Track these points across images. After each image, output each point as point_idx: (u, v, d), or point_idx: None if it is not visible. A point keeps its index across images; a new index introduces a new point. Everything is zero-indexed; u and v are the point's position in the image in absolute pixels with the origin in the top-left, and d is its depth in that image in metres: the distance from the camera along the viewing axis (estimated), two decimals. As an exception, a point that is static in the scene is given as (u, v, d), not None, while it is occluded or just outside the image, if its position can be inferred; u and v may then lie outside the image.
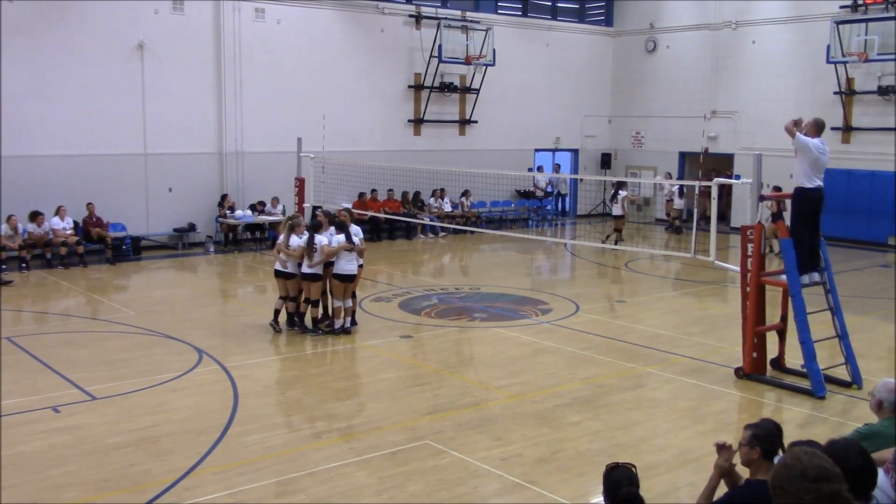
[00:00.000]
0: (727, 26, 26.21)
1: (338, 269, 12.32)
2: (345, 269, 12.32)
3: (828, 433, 8.11)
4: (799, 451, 3.28)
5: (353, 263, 12.42)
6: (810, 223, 10.61)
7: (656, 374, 11.04)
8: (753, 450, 4.61)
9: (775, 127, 23.89)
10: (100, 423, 8.97)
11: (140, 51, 19.92)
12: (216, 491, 7.20)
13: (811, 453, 3.25)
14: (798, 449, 3.33)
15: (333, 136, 21.74)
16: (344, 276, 12.33)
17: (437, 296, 15.77)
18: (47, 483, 7.37)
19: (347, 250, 12.27)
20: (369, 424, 8.93)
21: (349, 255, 12.33)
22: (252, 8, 21.61)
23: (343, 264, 12.32)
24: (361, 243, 12.56)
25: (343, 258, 12.30)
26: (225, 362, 11.15)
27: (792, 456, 3.27)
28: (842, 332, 10.64)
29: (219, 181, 21.53)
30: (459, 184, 24.62)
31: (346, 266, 12.33)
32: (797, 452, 3.28)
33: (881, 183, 22.47)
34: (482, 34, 25.00)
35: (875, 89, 22.88)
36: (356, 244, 12.35)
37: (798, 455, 3.25)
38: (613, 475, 4.17)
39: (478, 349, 12.26)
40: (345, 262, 12.32)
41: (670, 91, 27.81)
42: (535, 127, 27.65)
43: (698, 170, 25.69)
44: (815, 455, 3.24)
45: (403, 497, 7.17)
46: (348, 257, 12.33)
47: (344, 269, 12.32)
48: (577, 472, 7.78)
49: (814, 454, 3.25)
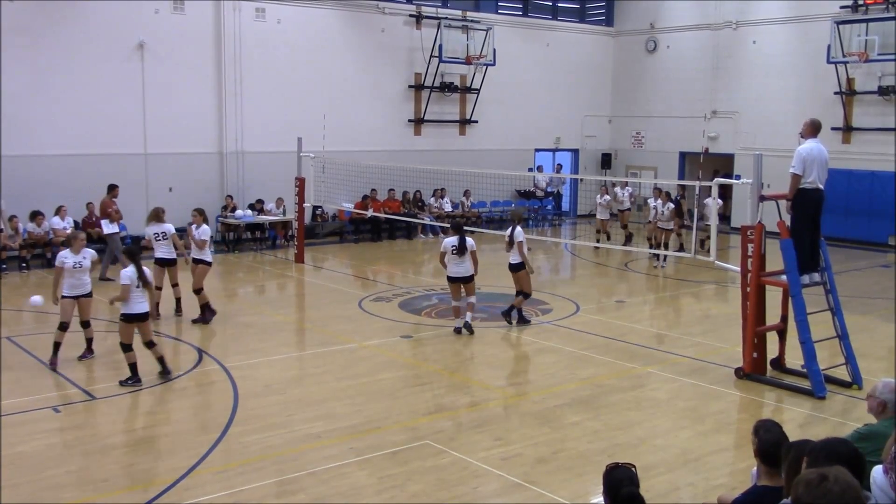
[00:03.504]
0: (727, 26, 26.21)
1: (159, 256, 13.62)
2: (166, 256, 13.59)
3: (828, 433, 8.10)
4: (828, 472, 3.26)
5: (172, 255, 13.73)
6: (810, 224, 10.61)
7: (656, 374, 11.04)
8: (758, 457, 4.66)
9: (776, 127, 24.04)
10: (100, 423, 8.98)
11: (140, 51, 19.93)
12: (216, 491, 7.20)
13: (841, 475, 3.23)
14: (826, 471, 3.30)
15: (333, 136, 21.75)
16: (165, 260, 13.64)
17: (437, 296, 15.76)
18: (47, 483, 7.36)
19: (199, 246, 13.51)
20: (369, 424, 8.93)
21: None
22: (252, 8, 21.61)
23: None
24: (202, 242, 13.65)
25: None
26: (225, 362, 11.15)
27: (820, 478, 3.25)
28: (842, 333, 10.64)
29: (219, 181, 21.54)
30: (460, 184, 24.63)
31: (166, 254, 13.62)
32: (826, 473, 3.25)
33: (881, 183, 22.47)
34: (482, 34, 25.01)
35: (875, 89, 22.88)
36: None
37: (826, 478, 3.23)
38: (613, 475, 4.16)
39: (478, 349, 12.26)
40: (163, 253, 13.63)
41: (670, 91, 27.81)
42: (536, 127, 27.66)
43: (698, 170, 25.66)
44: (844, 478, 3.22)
45: (403, 497, 7.16)
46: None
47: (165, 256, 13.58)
48: (577, 472, 7.78)
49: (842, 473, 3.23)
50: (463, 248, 12.60)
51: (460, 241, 12.63)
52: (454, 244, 12.65)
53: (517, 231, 13.15)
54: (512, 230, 13.16)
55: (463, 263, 12.68)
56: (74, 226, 18.59)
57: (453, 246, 12.65)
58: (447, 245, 12.72)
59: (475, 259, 12.77)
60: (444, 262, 12.81)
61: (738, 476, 7.51)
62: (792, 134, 14.87)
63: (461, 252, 12.60)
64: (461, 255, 12.62)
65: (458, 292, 12.88)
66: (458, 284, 12.80)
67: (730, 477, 7.73)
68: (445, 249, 12.71)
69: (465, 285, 12.84)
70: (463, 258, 12.65)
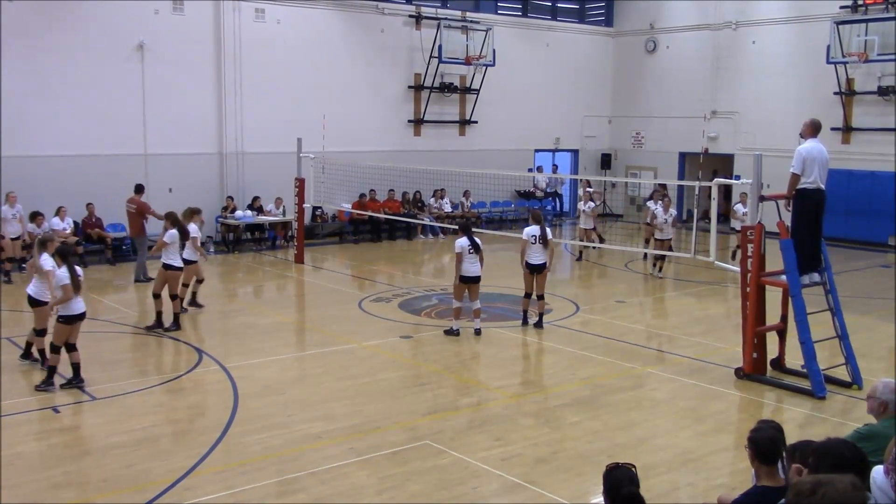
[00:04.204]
0: (727, 26, 26.22)
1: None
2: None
3: (828, 433, 8.09)
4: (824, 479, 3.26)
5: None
6: (811, 224, 10.61)
7: (656, 374, 11.04)
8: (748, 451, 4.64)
9: (775, 127, 24.03)
10: (100, 423, 8.98)
11: (140, 51, 19.92)
12: (216, 491, 7.20)
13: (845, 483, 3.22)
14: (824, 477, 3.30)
15: (333, 137, 21.76)
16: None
17: (437, 296, 15.77)
18: (47, 483, 7.37)
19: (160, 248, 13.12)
20: (369, 424, 8.93)
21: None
22: (252, 8, 21.61)
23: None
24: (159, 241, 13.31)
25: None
26: (225, 362, 11.15)
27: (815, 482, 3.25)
28: (842, 333, 10.64)
29: (219, 181, 21.54)
30: (459, 184, 24.62)
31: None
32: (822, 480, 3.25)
33: (881, 183, 22.47)
34: (482, 34, 25.00)
35: (875, 89, 22.89)
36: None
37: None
38: (613, 475, 4.17)
39: (478, 349, 12.26)
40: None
41: (670, 91, 27.81)
42: (535, 127, 27.65)
43: (698, 170, 25.68)
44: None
45: (403, 497, 7.17)
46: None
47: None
48: (577, 472, 7.78)
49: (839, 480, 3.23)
50: (477, 246, 12.64)
51: (472, 241, 12.65)
52: (468, 244, 12.64)
53: (548, 231, 13.28)
54: (542, 230, 13.12)
55: (476, 263, 12.71)
56: (74, 227, 18.61)
57: (469, 246, 12.63)
58: (463, 246, 12.64)
59: (482, 259, 12.81)
60: (459, 264, 12.69)
61: (738, 476, 7.51)
62: (792, 134, 14.87)
63: (476, 251, 12.62)
64: (476, 253, 12.64)
65: (462, 294, 12.85)
66: (467, 286, 12.77)
67: (730, 477, 7.74)
68: (462, 250, 12.62)
69: (473, 287, 12.80)
70: (476, 258, 12.67)
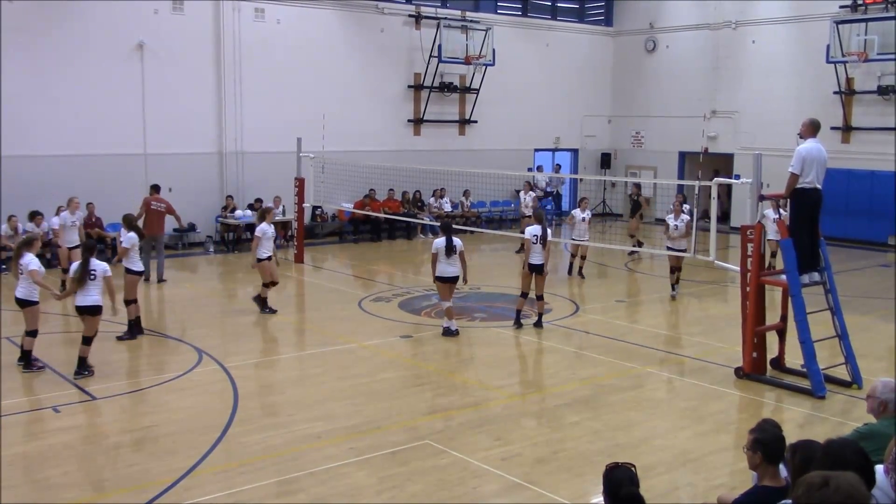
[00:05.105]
0: (727, 26, 26.22)
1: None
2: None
3: (828, 433, 8.11)
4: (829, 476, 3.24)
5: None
6: (809, 223, 10.61)
7: (656, 374, 11.04)
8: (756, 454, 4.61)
9: (775, 127, 24.02)
10: (100, 423, 8.98)
11: (140, 51, 19.93)
12: (216, 491, 7.20)
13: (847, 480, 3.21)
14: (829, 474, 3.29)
15: (333, 136, 21.75)
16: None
17: (436, 296, 15.70)
18: (47, 483, 7.36)
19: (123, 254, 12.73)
20: (369, 424, 8.93)
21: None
22: (252, 8, 21.61)
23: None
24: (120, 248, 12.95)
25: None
26: (225, 362, 11.15)
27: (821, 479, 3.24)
28: (842, 332, 10.64)
29: (219, 181, 21.54)
30: (459, 184, 24.62)
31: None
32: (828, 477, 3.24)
33: (881, 183, 22.48)
34: (482, 34, 25.00)
35: (875, 89, 22.89)
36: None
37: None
38: (613, 475, 4.17)
39: (478, 349, 12.26)
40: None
41: (670, 91, 27.81)
42: (535, 127, 27.65)
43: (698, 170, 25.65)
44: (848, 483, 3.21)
45: (403, 497, 7.16)
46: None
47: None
48: (577, 472, 7.78)
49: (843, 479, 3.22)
50: (451, 247, 12.60)
51: (448, 241, 12.61)
52: (444, 245, 12.65)
53: (549, 231, 13.30)
54: (543, 230, 13.13)
55: (454, 264, 12.69)
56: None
57: (445, 247, 12.64)
58: (438, 246, 12.70)
59: (464, 260, 12.73)
60: (435, 264, 12.73)
61: (738, 476, 7.50)
62: (791, 134, 14.85)
63: (450, 252, 12.60)
64: (450, 255, 12.61)
65: (447, 293, 12.81)
66: (448, 285, 12.77)
67: (730, 477, 7.73)
68: (437, 250, 12.69)
69: (449, 286, 12.79)
70: (452, 258, 12.65)
